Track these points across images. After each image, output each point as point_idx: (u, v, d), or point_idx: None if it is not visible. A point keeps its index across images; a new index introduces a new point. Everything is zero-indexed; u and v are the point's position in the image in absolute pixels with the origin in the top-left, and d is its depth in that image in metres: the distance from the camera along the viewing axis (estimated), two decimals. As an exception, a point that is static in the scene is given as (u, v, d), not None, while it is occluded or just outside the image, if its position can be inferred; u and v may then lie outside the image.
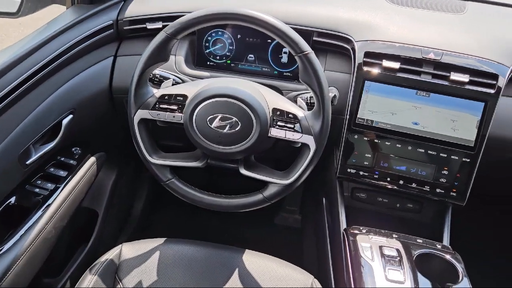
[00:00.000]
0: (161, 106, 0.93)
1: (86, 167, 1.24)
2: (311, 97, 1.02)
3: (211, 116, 0.90)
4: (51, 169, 1.16)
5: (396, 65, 1.02)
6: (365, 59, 1.04)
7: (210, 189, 1.02)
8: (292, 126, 0.91)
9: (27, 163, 1.02)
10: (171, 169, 1.00)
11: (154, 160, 0.97)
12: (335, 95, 1.06)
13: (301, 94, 1.08)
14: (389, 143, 1.06)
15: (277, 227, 1.93)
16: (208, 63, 1.20)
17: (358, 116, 1.06)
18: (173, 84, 1.07)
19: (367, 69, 1.04)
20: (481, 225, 1.71)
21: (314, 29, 1.11)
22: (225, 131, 0.90)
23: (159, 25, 1.15)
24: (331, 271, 1.15)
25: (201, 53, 1.20)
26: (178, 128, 0.95)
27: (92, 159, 1.28)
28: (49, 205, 1.08)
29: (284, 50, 1.16)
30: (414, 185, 1.07)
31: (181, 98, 0.93)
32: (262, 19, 0.83)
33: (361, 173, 1.09)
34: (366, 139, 1.07)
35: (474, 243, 1.55)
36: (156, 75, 1.08)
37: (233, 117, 0.90)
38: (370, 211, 1.18)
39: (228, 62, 1.19)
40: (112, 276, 1.02)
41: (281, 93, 1.11)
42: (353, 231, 1.03)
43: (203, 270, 1.05)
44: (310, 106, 1.00)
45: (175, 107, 0.93)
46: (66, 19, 1.11)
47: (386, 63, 1.03)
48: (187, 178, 1.02)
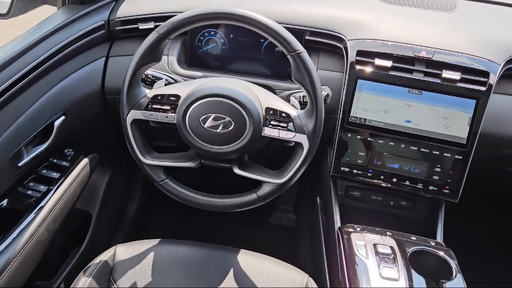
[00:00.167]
0: (153, 106, 0.93)
1: (79, 169, 1.23)
2: (304, 96, 1.02)
3: (204, 116, 0.90)
4: (44, 171, 1.15)
5: (388, 63, 1.03)
6: (357, 57, 1.04)
7: (204, 189, 1.02)
8: (286, 125, 0.91)
9: (19, 165, 1.01)
10: (164, 169, 0.99)
11: (147, 160, 0.97)
12: (328, 94, 1.06)
13: (294, 93, 1.08)
14: (382, 141, 1.07)
15: (271, 226, 1.93)
16: (201, 63, 1.20)
17: (351, 115, 1.06)
18: (165, 84, 1.07)
19: (360, 67, 1.04)
20: (477, 224, 1.72)
21: (307, 28, 1.11)
22: (218, 131, 0.90)
23: (151, 25, 1.15)
24: (326, 269, 1.15)
25: (193, 53, 1.20)
26: (171, 129, 0.95)
27: (85, 161, 1.27)
28: (41, 207, 1.07)
29: (276, 49, 1.16)
30: (407, 182, 1.08)
31: (174, 98, 0.93)
32: (254, 19, 0.83)
33: (355, 171, 1.10)
34: (359, 137, 1.07)
35: (471, 242, 1.56)
36: (149, 75, 1.07)
37: (226, 116, 0.90)
38: (364, 209, 1.19)
39: (221, 62, 1.19)
40: (107, 277, 1.02)
41: (274, 92, 1.11)
42: (347, 229, 1.04)
43: (198, 271, 1.04)
44: (303, 105, 1.00)
45: (168, 107, 0.93)
46: (57, 20, 1.10)
47: (378, 61, 1.03)
48: (181, 178, 1.02)
